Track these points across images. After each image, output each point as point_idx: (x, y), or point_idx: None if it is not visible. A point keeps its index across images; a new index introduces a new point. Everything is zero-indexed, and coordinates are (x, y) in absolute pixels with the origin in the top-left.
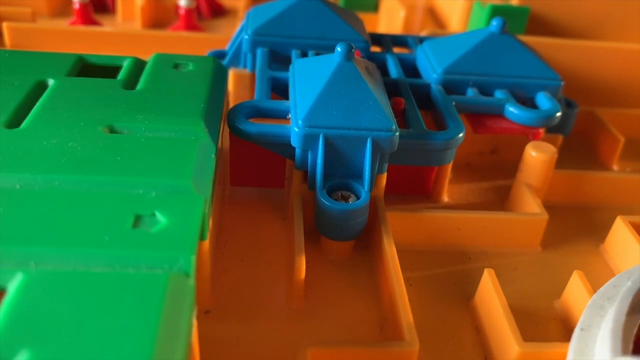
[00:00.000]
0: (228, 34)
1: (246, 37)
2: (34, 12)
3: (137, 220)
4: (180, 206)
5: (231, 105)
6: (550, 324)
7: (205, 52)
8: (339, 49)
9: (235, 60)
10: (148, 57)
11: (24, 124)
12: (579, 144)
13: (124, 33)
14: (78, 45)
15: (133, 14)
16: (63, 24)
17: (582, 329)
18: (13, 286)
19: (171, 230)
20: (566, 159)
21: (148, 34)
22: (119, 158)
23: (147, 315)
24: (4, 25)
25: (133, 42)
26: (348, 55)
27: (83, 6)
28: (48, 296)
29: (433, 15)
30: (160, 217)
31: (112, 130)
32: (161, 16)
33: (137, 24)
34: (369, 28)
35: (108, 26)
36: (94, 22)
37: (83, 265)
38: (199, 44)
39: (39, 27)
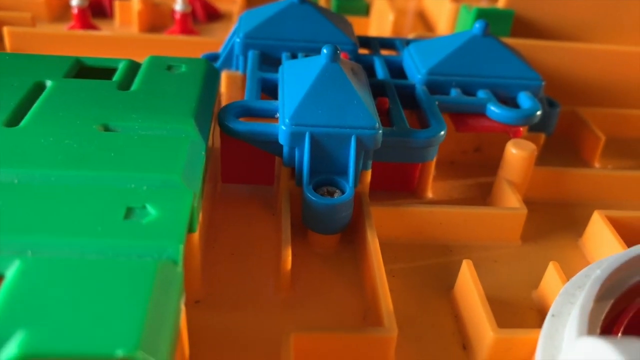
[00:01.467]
0: (222, 38)
1: (238, 40)
2: (34, 17)
3: (129, 212)
4: (170, 199)
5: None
6: (527, 313)
7: (200, 55)
8: (324, 50)
9: (228, 63)
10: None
11: (22, 123)
12: (562, 143)
13: (122, 37)
14: (77, 49)
15: (130, 18)
16: (62, 28)
17: (553, 315)
18: (11, 272)
19: (161, 222)
20: (550, 157)
21: (145, 37)
22: (112, 154)
23: (136, 298)
24: (5, 29)
25: (130, 46)
26: (334, 57)
27: (82, 11)
28: (44, 281)
29: (422, 19)
30: (151, 209)
31: (107, 129)
32: (157, 20)
33: (134, 28)
34: (360, 31)
35: (106, 30)
36: (92, 27)
37: (77, 253)
38: (194, 47)
39: (39, 32)
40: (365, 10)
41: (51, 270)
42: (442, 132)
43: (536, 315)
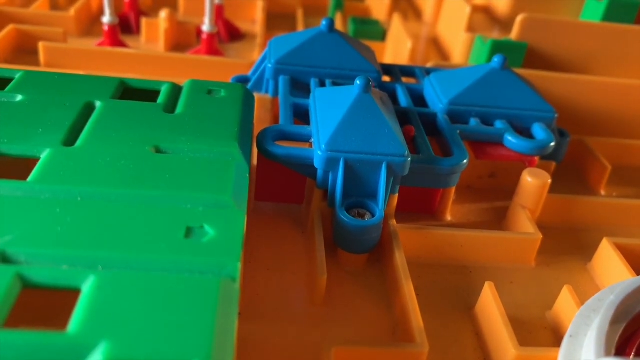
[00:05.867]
0: (247, 58)
1: (269, 65)
2: (65, 32)
3: (189, 231)
4: (225, 219)
5: (255, 127)
6: (542, 332)
7: (226, 75)
8: (358, 82)
9: (258, 86)
10: (173, 77)
11: (78, 143)
12: (570, 170)
13: (151, 55)
14: (107, 64)
15: (156, 36)
16: (90, 43)
17: (570, 336)
18: (87, 286)
19: (219, 241)
20: (558, 183)
21: (174, 56)
22: (167, 176)
23: (205, 312)
24: (40, 45)
25: (159, 64)
26: (366, 88)
27: (112, 28)
28: (119, 294)
29: (437, 46)
30: (209, 229)
31: (158, 150)
32: (183, 39)
33: (160, 46)
34: (377, 56)
35: (132, 47)
36: (121, 44)
37: (144, 269)
38: (221, 67)
39: (72, 48)
40: (381, 36)
41: (125, 284)
42: (465, 161)
43: (550, 334)
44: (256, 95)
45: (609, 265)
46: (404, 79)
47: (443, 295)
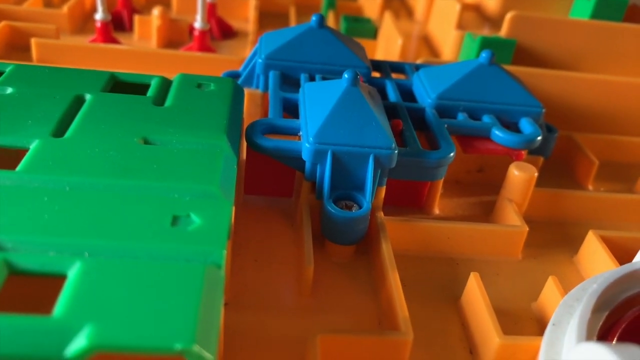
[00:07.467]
0: (238, 55)
1: (260, 60)
2: (58, 29)
3: (175, 220)
4: (211, 209)
5: (245, 122)
6: (527, 323)
7: (218, 71)
8: (346, 75)
9: (249, 81)
10: (165, 73)
11: (67, 134)
12: (558, 166)
13: (144, 52)
14: (99, 61)
15: (149, 33)
16: (83, 40)
17: (553, 324)
18: (73, 272)
19: (204, 229)
20: (547, 178)
21: (166, 53)
22: (155, 166)
23: (189, 298)
24: (32, 41)
25: (151, 60)
26: (354, 82)
27: (104, 25)
28: (105, 280)
29: (427, 43)
30: (195, 218)
31: (147, 142)
32: (175, 36)
33: (152, 43)
34: (368, 54)
35: (125, 44)
36: (113, 40)
37: (130, 256)
38: (213, 63)
39: (64, 44)
40: (373, 34)
41: (111, 270)
42: (452, 154)
43: (535, 324)
44: (246, 90)
45: (594, 257)
46: (394, 75)
47: (429, 286)
